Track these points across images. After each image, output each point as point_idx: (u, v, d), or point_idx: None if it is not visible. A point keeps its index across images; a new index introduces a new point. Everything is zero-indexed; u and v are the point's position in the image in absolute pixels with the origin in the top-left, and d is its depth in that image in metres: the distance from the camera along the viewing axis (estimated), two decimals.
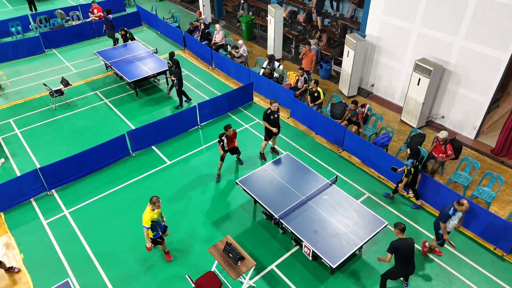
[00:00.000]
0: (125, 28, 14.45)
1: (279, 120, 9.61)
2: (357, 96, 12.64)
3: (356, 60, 11.73)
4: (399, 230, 6.40)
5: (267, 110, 9.31)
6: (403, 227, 6.37)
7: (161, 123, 10.43)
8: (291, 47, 15.65)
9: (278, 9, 13.58)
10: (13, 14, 18.52)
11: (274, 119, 9.38)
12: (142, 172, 9.73)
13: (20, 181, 8.56)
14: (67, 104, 12.20)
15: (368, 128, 10.58)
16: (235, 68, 13.31)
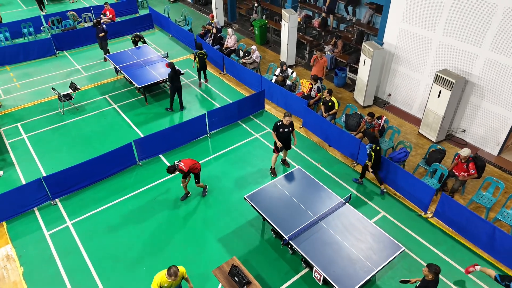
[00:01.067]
0: (138, 34, 14.20)
1: (290, 137, 9.18)
2: (373, 106, 12.16)
3: (373, 69, 11.24)
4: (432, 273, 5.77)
5: (278, 122, 8.92)
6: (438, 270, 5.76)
7: (169, 132, 10.13)
8: (304, 53, 15.21)
9: (292, 14, 13.17)
10: (27, 14, 18.52)
11: (284, 133, 8.98)
12: (148, 182, 9.44)
13: (23, 190, 8.34)
14: (76, 109, 12.01)
15: (385, 142, 10.09)
16: (247, 75, 12.95)
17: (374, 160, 8.65)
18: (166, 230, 8.24)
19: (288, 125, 8.94)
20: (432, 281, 5.86)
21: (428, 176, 9.05)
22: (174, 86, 11.52)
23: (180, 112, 12.01)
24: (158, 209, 8.74)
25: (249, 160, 10.07)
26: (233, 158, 10.18)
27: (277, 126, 8.94)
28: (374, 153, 8.57)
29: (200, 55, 12.51)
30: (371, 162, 8.67)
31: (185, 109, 12.11)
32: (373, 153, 8.56)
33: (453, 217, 8.09)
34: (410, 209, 8.68)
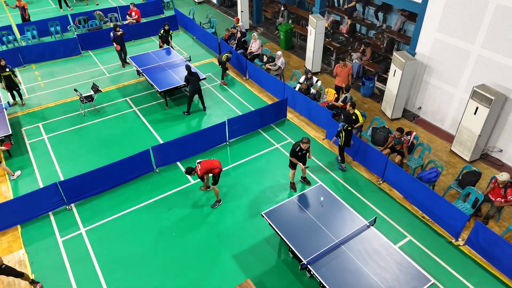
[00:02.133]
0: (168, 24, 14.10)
1: (306, 156, 8.72)
2: (402, 119, 11.53)
3: (403, 81, 10.64)
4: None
5: (296, 147, 8.41)
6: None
7: (187, 139, 9.87)
8: (331, 59, 14.69)
9: (320, 19, 12.68)
10: (56, 12, 18.74)
11: (301, 155, 8.55)
12: (165, 190, 9.20)
13: (39, 194, 8.26)
14: (97, 110, 11.95)
15: (413, 159, 9.49)
16: (270, 81, 12.57)
17: (344, 139, 9.16)
18: (179, 243, 7.96)
19: (305, 149, 8.47)
20: None
21: (461, 199, 8.41)
22: (192, 88, 11.27)
23: (200, 115, 11.76)
24: (173, 220, 8.48)
25: (269, 172, 9.69)
26: (252, 169, 9.82)
27: (295, 152, 8.44)
28: (345, 132, 9.08)
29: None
30: (342, 140, 9.19)
31: (206, 111, 11.89)
32: (343, 132, 9.07)
33: (486, 247, 7.45)
34: (440, 235, 8.08)
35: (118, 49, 13.91)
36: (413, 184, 8.56)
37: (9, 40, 15.22)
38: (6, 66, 11.35)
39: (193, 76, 11.16)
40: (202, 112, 11.97)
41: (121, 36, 13.58)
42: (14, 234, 8.16)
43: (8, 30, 15.42)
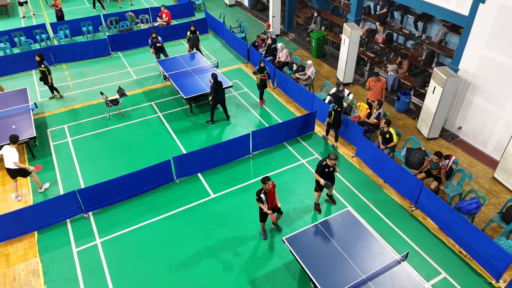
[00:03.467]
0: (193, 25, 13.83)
1: (334, 174, 8.16)
2: (439, 139, 10.72)
3: (443, 99, 9.86)
4: None
5: (323, 162, 7.88)
6: None
7: (210, 150, 9.52)
8: (364, 70, 13.99)
9: (355, 29, 12.03)
10: (89, 12, 18.94)
11: (328, 172, 7.97)
12: (183, 203, 8.89)
13: (57, 201, 8.13)
14: (121, 114, 11.83)
15: (452, 186, 8.72)
16: (299, 92, 12.04)
17: (334, 118, 9.84)
18: (194, 261, 7.60)
19: (332, 166, 7.92)
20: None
21: (504, 236, 7.61)
22: (217, 98, 10.93)
23: (224, 125, 11.40)
24: (190, 236, 8.14)
25: (292, 190, 9.19)
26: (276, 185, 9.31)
27: (322, 167, 7.89)
28: (335, 113, 9.77)
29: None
30: (329, 119, 9.91)
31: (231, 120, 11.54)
32: (333, 112, 9.76)
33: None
34: (478, 274, 7.32)
35: (153, 53, 13.87)
36: (450, 215, 7.82)
37: (42, 38, 15.44)
38: (42, 61, 11.52)
39: (219, 85, 10.82)
40: (226, 121, 11.60)
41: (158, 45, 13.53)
42: (31, 241, 8.06)
43: (41, 28, 15.65)
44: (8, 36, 15.19)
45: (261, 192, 7.31)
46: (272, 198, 7.49)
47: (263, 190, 7.30)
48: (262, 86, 11.91)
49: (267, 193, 7.32)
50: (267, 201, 7.38)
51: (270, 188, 7.28)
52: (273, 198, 7.51)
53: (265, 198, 7.33)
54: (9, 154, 8.44)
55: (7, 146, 8.60)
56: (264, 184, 7.14)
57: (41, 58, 11.55)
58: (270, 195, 7.41)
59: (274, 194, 7.52)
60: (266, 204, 7.39)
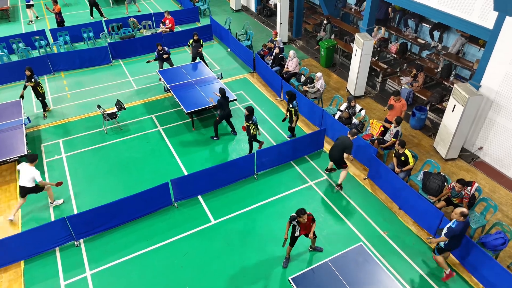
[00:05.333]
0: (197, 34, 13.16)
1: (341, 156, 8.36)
2: (458, 159, 9.97)
3: (464, 118, 9.11)
4: None
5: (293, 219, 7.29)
6: None
7: (211, 172, 8.88)
8: (376, 81, 13.25)
9: (368, 39, 11.31)
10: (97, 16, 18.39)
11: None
12: (182, 230, 8.24)
13: (46, 229, 7.53)
14: (119, 128, 11.23)
15: (474, 217, 7.97)
16: (307, 106, 11.35)
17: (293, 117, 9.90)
18: None
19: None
20: None
21: None
22: (223, 113, 10.31)
23: (228, 140, 10.76)
24: (188, 268, 7.49)
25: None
26: (281, 211, 8.67)
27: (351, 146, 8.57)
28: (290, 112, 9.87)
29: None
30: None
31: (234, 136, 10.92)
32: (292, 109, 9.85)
33: None
34: None
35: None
36: (473, 250, 7.09)
37: (41, 45, 14.93)
38: (32, 76, 10.88)
39: (226, 100, 10.19)
40: (230, 136, 10.96)
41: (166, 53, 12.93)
42: (17, 271, 7.47)
43: (41, 35, 15.14)
44: (6, 43, 14.69)
45: (294, 219, 6.75)
46: (306, 230, 6.92)
47: (296, 219, 6.73)
48: (251, 139, 9.79)
49: (301, 223, 6.76)
50: (300, 230, 6.88)
51: (306, 222, 6.70)
52: (308, 229, 6.94)
53: (299, 227, 6.81)
54: (28, 172, 8.09)
55: (26, 164, 8.19)
56: (298, 217, 6.57)
57: (31, 72, 10.83)
58: (304, 226, 6.83)
59: (310, 228, 6.94)
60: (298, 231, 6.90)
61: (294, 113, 9.99)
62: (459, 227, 6.47)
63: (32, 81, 10.87)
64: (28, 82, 10.84)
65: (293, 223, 6.74)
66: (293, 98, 9.93)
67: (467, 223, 6.51)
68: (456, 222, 6.51)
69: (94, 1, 17.59)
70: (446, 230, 6.57)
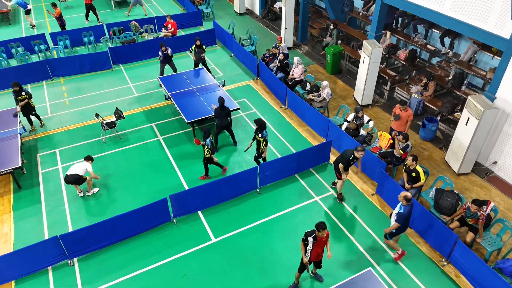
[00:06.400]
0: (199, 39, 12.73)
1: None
2: (471, 174, 9.52)
3: (479, 132, 8.65)
4: None
5: (350, 155, 8.26)
6: None
7: (211, 186, 8.49)
8: (383, 89, 12.80)
9: (376, 47, 10.87)
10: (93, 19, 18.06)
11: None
12: (180, 249, 7.85)
13: (38, 248, 7.17)
14: (118, 137, 10.87)
15: (490, 239, 7.51)
16: (312, 115, 10.93)
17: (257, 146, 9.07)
18: None
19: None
20: None
21: None
22: (220, 124, 9.92)
23: (230, 152, 10.38)
24: None
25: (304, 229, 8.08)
26: (285, 228, 8.26)
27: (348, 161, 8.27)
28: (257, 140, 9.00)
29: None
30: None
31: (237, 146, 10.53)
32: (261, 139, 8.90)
33: None
34: None
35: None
36: (489, 275, 6.64)
37: (41, 49, 14.62)
38: (22, 89, 10.51)
39: (224, 110, 9.80)
40: (232, 147, 10.57)
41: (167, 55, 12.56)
42: None
43: (40, 39, 14.83)
44: (4, 48, 14.40)
45: (311, 235, 6.22)
46: (320, 249, 6.40)
47: (314, 234, 6.20)
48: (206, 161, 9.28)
49: (318, 240, 6.23)
50: (311, 251, 6.32)
51: (324, 237, 6.22)
52: (321, 250, 6.45)
53: (312, 246, 6.25)
54: (84, 165, 8.87)
55: (84, 161, 8.98)
56: (317, 231, 6.09)
57: (19, 86, 10.43)
58: (320, 244, 6.32)
59: (326, 244, 6.46)
60: (309, 254, 6.32)
61: (265, 144, 8.93)
62: (407, 210, 6.75)
63: (23, 95, 10.49)
64: (20, 97, 10.46)
65: (309, 239, 6.22)
66: (263, 127, 8.79)
67: (412, 204, 6.83)
68: (402, 206, 6.75)
69: (91, 5, 17.24)
70: (396, 217, 6.79)
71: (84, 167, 8.86)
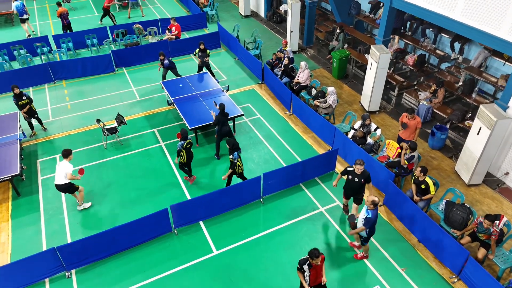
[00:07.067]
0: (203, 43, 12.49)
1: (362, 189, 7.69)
2: (482, 185, 9.21)
3: (491, 142, 8.35)
4: None
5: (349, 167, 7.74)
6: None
7: (213, 196, 8.25)
8: (391, 95, 12.50)
9: (384, 52, 10.58)
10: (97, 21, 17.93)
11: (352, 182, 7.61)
12: (181, 261, 7.62)
13: (35, 260, 6.96)
14: (120, 143, 10.67)
15: (503, 255, 7.21)
16: (317, 122, 10.67)
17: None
18: None
19: (360, 175, 7.48)
20: None
21: None
22: (222, 130, 9.68)
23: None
24: None
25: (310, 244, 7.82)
26: (289, 241, 8.01)
27: (347, 171, 7.69)
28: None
29: (188, 145, 8.90)
30: (182, 158, 8.73)
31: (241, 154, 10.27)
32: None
33: None
34: None
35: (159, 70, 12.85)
36: None
37: (43, 52, 14.47)
38: (22, 94, 10.35)
39: (225, 117, 9.56)
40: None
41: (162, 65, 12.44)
42: None
43: (43, 41, 14.69)
44: (7, 50, 14.27)
45: (305, 262, 5.96)
46: (318, 273, 6.12)
47: (308, 261, 5.94)
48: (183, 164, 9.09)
49: (313, 265, 5.97)
50: (310, 276, 6.01)
51: (319, 264, 5.96)
52: (319, 273, 6.16)
53: (309, 272, 5.97)
54: (62, 168, 8.12)
55: (63, 160, 8.26)
56: (311, 259, 5.83)
57: (19, 89, 10.28)
58: (317, 269, 6.05)
59: (322, 268, 6.17)
60: (308, 280, 6.03)
61: (237, 168, 8.41)
62: (374, 215, 6.65)
63: (24, 99, 10.33)
64: (21, 101, 10.29)
65: (304, 267, 5.99)
66: (235, 148, 8.29)
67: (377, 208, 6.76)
68: (370, 211, 6.63)
69: (108, 9, 17.03)
70: (364, 221, 6.70)
71: (63, 171, 8.06)
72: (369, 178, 7.54)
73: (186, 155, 8.82)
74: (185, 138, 8.78)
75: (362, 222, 6.77)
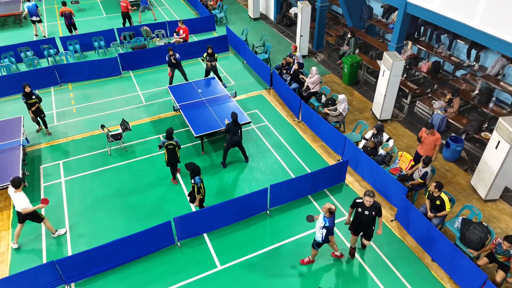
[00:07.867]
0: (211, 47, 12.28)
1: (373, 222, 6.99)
2: (499, 200, 8.79)
3: (510, 156, 7.94)
4: None
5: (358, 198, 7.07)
6: None
7: (218, 208, 7.98)
8: (404, 103, 12.11)
9: (397, 60, 10.21)
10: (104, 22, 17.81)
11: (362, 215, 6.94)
12: (183, 276, 7.35)
13: (34, 273, 6.75)
14: (124, 150, 10.46)
15: None
16: (327, 130, 10.33)
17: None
18: None
19: (370, 208, 6.72)
20: None
21: None
22: (231, 141, 9.40)
23: (240, 168, 9.85)
24: None
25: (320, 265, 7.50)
26: (297, 255, 7.67)
27: (356, 203, 7.00)
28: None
29: (170, 146, 8.74)
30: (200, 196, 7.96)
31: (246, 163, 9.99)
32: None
33: None
34: None
35: (170, 75, 12.56)
36: None
37: (50, 54, 14.34)
38: (32, 93, 10.20)
39: (236, 126, 9.28)
40: (242, 163, 10.04)
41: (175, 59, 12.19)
42: None
43: (50, 43, 14.57)
44: (13, 52, 14.17)
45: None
46: None
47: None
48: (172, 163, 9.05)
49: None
50: None
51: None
52: None
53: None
54: (16, 199, 7.41)
55: (12, 190, 7.41)
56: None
57: (30, 88, 10.13)
58: None
59: None
60: None
61: (197, 192, 7.89)
62: (331, 222, 6.67)
63: (33, 98, 10.20)
64: (31, 100, 10.15)
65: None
66: (195, 173, 7.76)
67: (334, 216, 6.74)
68: (326, 218, 6.61)
69: (127, 13, 16.83)
70: (325, 230, 6.68)
71: (21, 206, 7.33)
72: (380, 211, 6.86)
73: (167, 154, 8.73)
74: (169, 137, 8.62)
75: (323, 231, 6.71)
